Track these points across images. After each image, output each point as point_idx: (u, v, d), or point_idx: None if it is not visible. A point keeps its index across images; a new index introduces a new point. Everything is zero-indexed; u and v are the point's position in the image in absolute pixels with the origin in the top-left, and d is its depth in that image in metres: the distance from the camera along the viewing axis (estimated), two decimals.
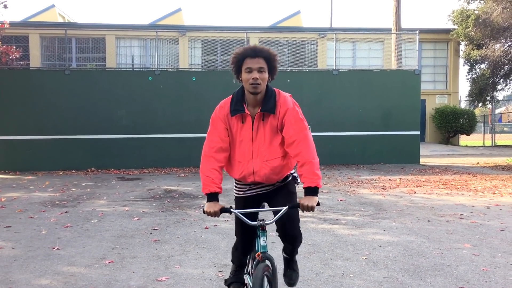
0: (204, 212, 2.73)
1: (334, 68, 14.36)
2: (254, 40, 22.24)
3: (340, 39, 21.73)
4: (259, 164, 2.82)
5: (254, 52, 2.70)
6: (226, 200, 7.59)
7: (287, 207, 2.68)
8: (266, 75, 2.72)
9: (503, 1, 20.94)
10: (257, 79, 2.67)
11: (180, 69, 19.85)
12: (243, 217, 2.71)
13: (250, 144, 2.81)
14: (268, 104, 2.76)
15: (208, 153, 2.83)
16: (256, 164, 2.83)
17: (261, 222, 2.69)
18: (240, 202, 3.03)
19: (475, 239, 5.26)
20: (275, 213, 2.78)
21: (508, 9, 20.85)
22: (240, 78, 2.79)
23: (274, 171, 2.85)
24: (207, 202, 2.74)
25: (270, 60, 2.73)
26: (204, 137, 2.96)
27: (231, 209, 2.70)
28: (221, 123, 2.84)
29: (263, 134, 2.80)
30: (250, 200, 3.00)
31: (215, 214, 2.68)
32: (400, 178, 10.85)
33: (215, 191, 2.75)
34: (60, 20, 26.13)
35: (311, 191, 2.69)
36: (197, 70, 19.55)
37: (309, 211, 2.66)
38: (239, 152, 2.86)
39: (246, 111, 2.78)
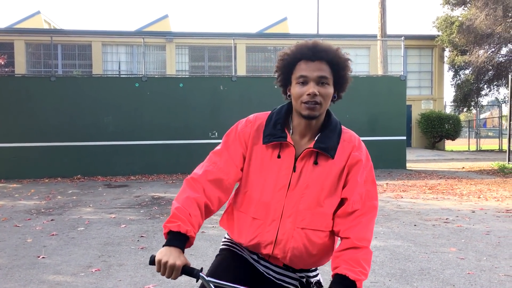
0: (151, 263, 1.58)
1: None
2: (241, 47, 22.33)
3: None
4: (290, 230, 1.73)
5: (313, 52, 1.72)
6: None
7: None
8: (330, 89, 1.74)
9: (486, 8, 21.30)
10: (316, 94, 1.69)
11: (167, 76, 19.81)
12: None
13: (282, 194, 1.74)
14: (327, 139, 1.76)
15: (198, 178, 1.76)
16: (285, 229, 1.73)
17: None
18: (225, 261, 1.86)
19: (460, 243, 5.31)
20: None
21: (491, 16, 21.21)
22: (288, 93, 1.80)
23: (310, 250, 1.75)
24: (164, 245, 1.60)
25: (338, 66, 1.75)
26: (192, 144, 2.48)
27: (201, 274, 1.57)
28: (240, 145, 1.81)
29: (309, 184, 1.74)
30: (245, 265, 1.86)
31: (172, 271, 1.55)
32: (387, 183, 10.93)
33: (186, 233, 1.61)
34: (45, 26, 25.94)
35: (343, 283, 1.59)
36: (184, 76, 19.55)
37: None
38: (258, 203, 1.77)
39: (289, 139, 1.76)
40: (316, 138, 1.76)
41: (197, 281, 1.62)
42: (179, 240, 1.60)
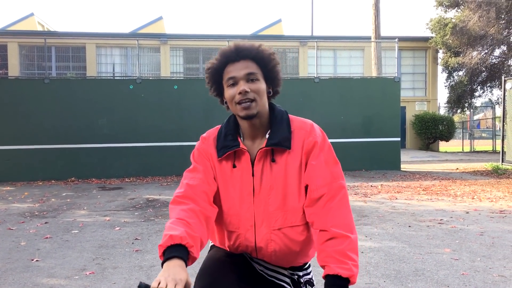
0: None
1: (316, 76, 14.48)
2: None
3: (321, 47, 21.94)
4: (267, 235, 1.71)
5: (236, 53, 1.71)
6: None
7: None
8: (261, 84, 1.71)
9: (479, 10, 21.44)
10: (247, 91, 1.67)
11: (161, 78, 19.79)
12: None
13: (249, 201, 1.72)
14: (278, 133, 1.71)
15: (183, 195, 1.66)
16: (261, 235, 1.72)
17: None
18: (219, 261, 1.76)
19: (455, 244, 5.33)
20: None
21: (484, 18, 21.35)
22: (225, 100, 1.79)
23: (292, 248, 1.74)
24: (164, 262, 1.39)
25: (264, 61, 1.73)
26: (186, 146, 2.45)
27: None
28: (207, 160, 1.78)
29: (272, 185, 1.70)
30: (239, 263, 1.78)
31: None
32: (381, 185, 10.96)
33: (180, 241, 1.43)
34: (39, 28, 25.84)
35: (338, 284, 1.52)
36: (178, 78, 19.51)
37: None
38: (229, 216, 1.74)
39: (242, 145, 1.73)
40: (267, 136, 1.72)
41: None
42: (177, 251, 1.42)
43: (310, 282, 1.85)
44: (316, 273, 4.07)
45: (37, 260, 4.82)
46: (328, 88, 14.37)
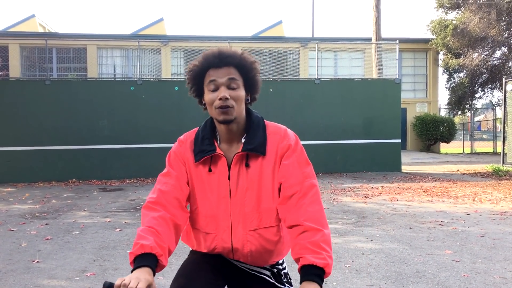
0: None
1: (316, 77, 14.49)
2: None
3: (322, 49, 21.97)
4: (243, 236, 1.78)
5: (220, 59, 1.74)
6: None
7: None
8: (241, 92, 1.76)
9: (479, 12, 21.46)
10: (227, 98, 1.71)
11: (162, 79, 19.81)
12: None
13: (226, 203, 1.78)
14: (254, 138, 1.78)
15: (156, 201, 1.72)
16: (238, 236, 1.78)
17: None
18: (195, 263, 1.83)
19: (456, 246, 5.33)
20: None
21: (485, 19, 21.36)
22: (204, 101, 1.83)
23: (268, 248, 1.80)
24: (134, 270, 1.47)
25: (245, 69, 1.77)
26: None
27: None
28: (182, 164, 1.84)
29: (248, 187, 1.77)
30: (216, 265, 1.84)
31: None
32: (382, 186, 10.95)
33: (151, 250, 1.51)
34: (40, 30, 25.89)
35: (313, 273, 1.52)
36: (179, 80, 19.52)
37: None
38: (206, 218, 1.80)
39: (218, 150, 1.78)
40: (243, 141, 1.79)
41: None
42: (146, 260, 1.50)
43: (288, 275, 1.93)
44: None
45: (37, 262, 4.82)
46: (328, 89, 14.38)
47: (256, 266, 1.87)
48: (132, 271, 1.46)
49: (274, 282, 1.87)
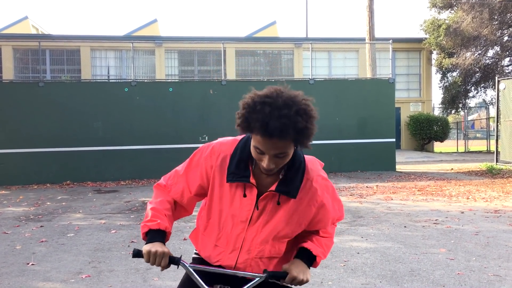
0: (135, 255, 1.81)
1: (310, 78, 14.52)
2: (230, 51, 22.35)
3: (316, 49, 21.99)
4: (248, 261, 1.84)
5: (271, 133, 1.58)
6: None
7: (265, 275, 1.78)
8: (288, 156, 1.69)
9: (472, 11, 21.58)
10: (272, 168, 1.69)
11: (156, 80, 19.76)
12: (197, 277, 1.79)
13: (243, 228, 1.82)
14: (290, 181, 1.77)
15: (165, 188, 1.93)
16: (243, 258, 1.84)
17: None
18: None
19: (450, 244, 5.36)
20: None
21: (478, 19, 21.48)
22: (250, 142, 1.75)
23: (267, 267, 1.88)
24: (148, 243, 1.79)
25: (302, 140, 1.66)
26: (182, 148, 2.44)
27: (181, 261, 1.79)
28: (200, 176, 1.86)
29: (269, 221, 1.81)
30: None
31: (163, 259, 1.76)
32: (377, 185, 10.99)
33: (165, 229, 1.81)
34: (33, 31, 25.77)
35: (308, 257, 1.83)
36: (173, 81, 19.49)
37: (299, 284, 1.79)
38: (220, 232, 1.87)
39: (252, 179, 1.76)
40: (279, 180, 1.77)
41: (178, 267, 1.86)
42: (160, 236, 1.80)
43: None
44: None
45: (32, 264, 4.81)
46: (323, 89, 14.40)
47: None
48: (148, 242, 1.78)
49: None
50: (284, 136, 1.59)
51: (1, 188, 12.09)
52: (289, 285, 1.82)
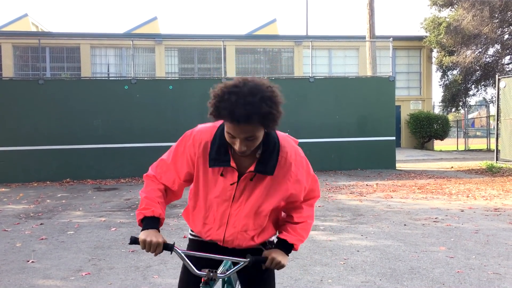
0: (132, 243, 1.94)
1: (311, 76, 14.50)
2: (230, 49, 22.33)
3: (316, 47, 21.99)
4: (234, 234, 2.05)
5: (238, 119, 1.74)
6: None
7: (248, 260, 1.97)
8: (259, 139, 1.85)
9: (473, 9, 21.54)
10: (244, 150, 1.84)
11: (156, 78, 19.75)
12: (188, 262, 1.96)
13: (227, 206, 2.02)
14: (266, 163, 1.94)
15: (156, 177, 2.09)
16: (230, 232, 2.05)
17: (211, 274, 1.91)
18: (195, 248, 2.17)
19: (450, 242, 5.36)
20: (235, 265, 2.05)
21: (478, 17, 21.44)
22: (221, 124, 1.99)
23: (255, 240, 2.09)
24: (143, 230, 1.96)
25: (269, 123, 1.80)
26: None
27: (175, 247, 1.95)
28: (186, 163, 2.03)
29: (250, 197, 2.00)
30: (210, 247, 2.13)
31: (157, 247, 1.92)
32: (376, 183, 10.99)
33: (159, 216, 1.99)
34: (33, 29, 25.73)
35: (286, 246, 2.06)
36: (173, 78, 19.48)
37: (278, 268, 2.03)
38: (207, 212, 2.06)
39: (232, 163, 1.94)
40: (256, 161, 1.94)
41: (171, 253, 2.02)
42: (154, 223, 1.98)
43: (272, 243, 2.20)
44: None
45: (32, 262, 4.81)
46: (323, 87, 14.40)
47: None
48: (143, 229, 1.95)
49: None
50: (250, 121, 1.74)
51: (1, 185, 12.09)
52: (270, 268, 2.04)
